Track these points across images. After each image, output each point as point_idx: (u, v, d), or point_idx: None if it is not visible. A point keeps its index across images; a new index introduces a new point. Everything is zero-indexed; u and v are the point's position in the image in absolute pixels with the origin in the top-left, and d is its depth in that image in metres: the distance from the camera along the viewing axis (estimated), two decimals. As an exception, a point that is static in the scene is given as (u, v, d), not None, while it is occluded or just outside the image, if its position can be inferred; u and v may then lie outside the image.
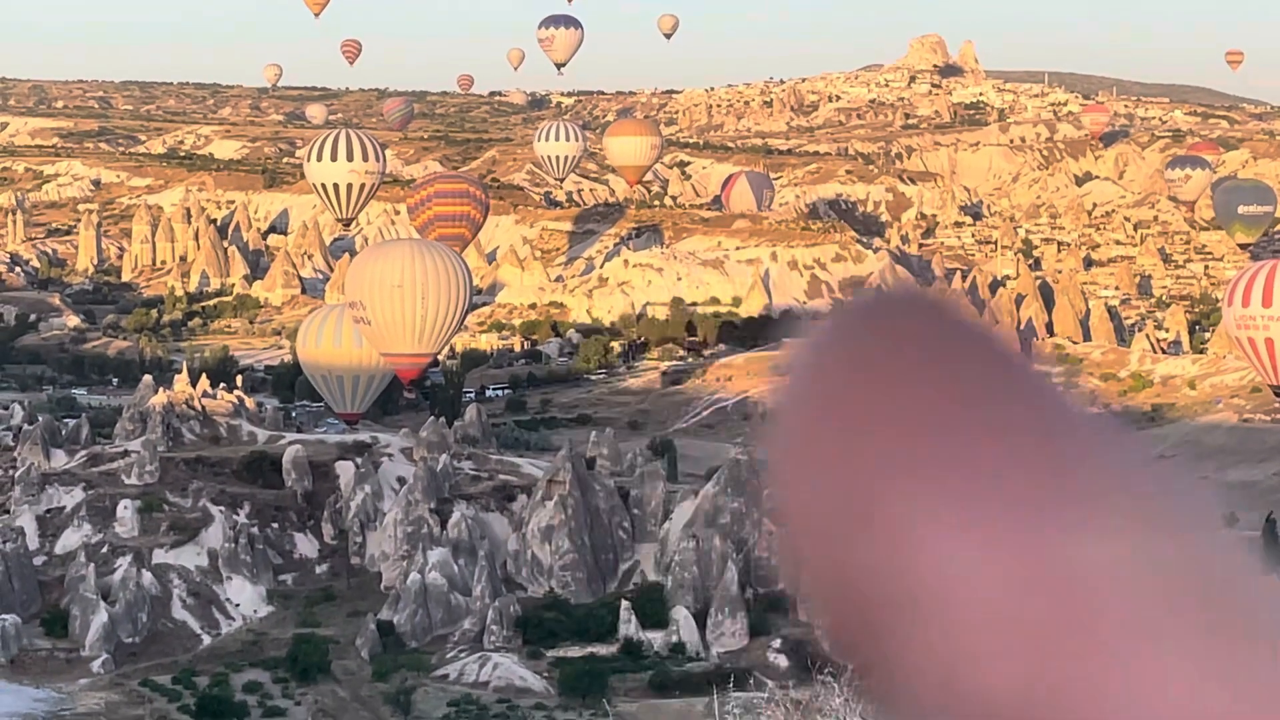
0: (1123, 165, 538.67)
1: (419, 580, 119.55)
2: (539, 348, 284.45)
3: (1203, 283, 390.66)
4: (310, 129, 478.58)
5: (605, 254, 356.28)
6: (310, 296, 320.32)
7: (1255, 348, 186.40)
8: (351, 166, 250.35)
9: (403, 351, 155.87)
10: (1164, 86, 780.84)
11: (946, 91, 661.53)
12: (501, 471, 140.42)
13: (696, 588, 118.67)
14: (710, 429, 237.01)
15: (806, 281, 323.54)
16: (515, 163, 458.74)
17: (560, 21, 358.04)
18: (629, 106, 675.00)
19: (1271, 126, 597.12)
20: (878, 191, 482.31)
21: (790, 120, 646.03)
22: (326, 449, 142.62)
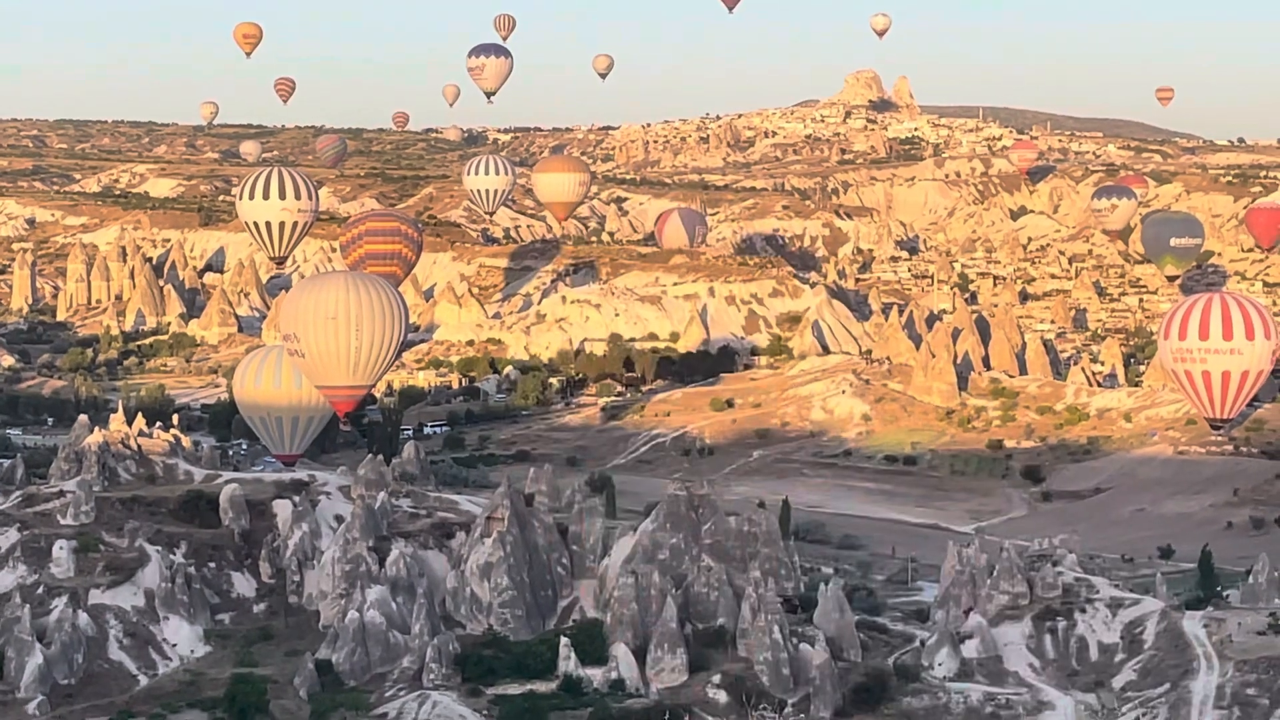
0: (1057, 199, 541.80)
1: (357, 618, 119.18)
2: (477, 385, 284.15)
3: (1137, 316, 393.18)
4: (245, 166, 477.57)
5: (543, 290, 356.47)
6: (247, 335, 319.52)
7: (1192, 380, 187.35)
8: (284, 205, 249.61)
9: (338, 384, 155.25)
10: (1098, 121, 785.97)
11: (882, 127, 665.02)
12: (440, 509, 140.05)
13: (636, 624, 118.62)
14: (648, 464, 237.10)
15: (744, 316, 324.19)
16: (452, 199, 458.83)
17: (490, 50, 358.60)
18: (565, 143, 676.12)
19: (1204, 160, 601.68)
20: (814, 226, 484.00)
21: (727, 156, 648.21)
22: (264, 487, 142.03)
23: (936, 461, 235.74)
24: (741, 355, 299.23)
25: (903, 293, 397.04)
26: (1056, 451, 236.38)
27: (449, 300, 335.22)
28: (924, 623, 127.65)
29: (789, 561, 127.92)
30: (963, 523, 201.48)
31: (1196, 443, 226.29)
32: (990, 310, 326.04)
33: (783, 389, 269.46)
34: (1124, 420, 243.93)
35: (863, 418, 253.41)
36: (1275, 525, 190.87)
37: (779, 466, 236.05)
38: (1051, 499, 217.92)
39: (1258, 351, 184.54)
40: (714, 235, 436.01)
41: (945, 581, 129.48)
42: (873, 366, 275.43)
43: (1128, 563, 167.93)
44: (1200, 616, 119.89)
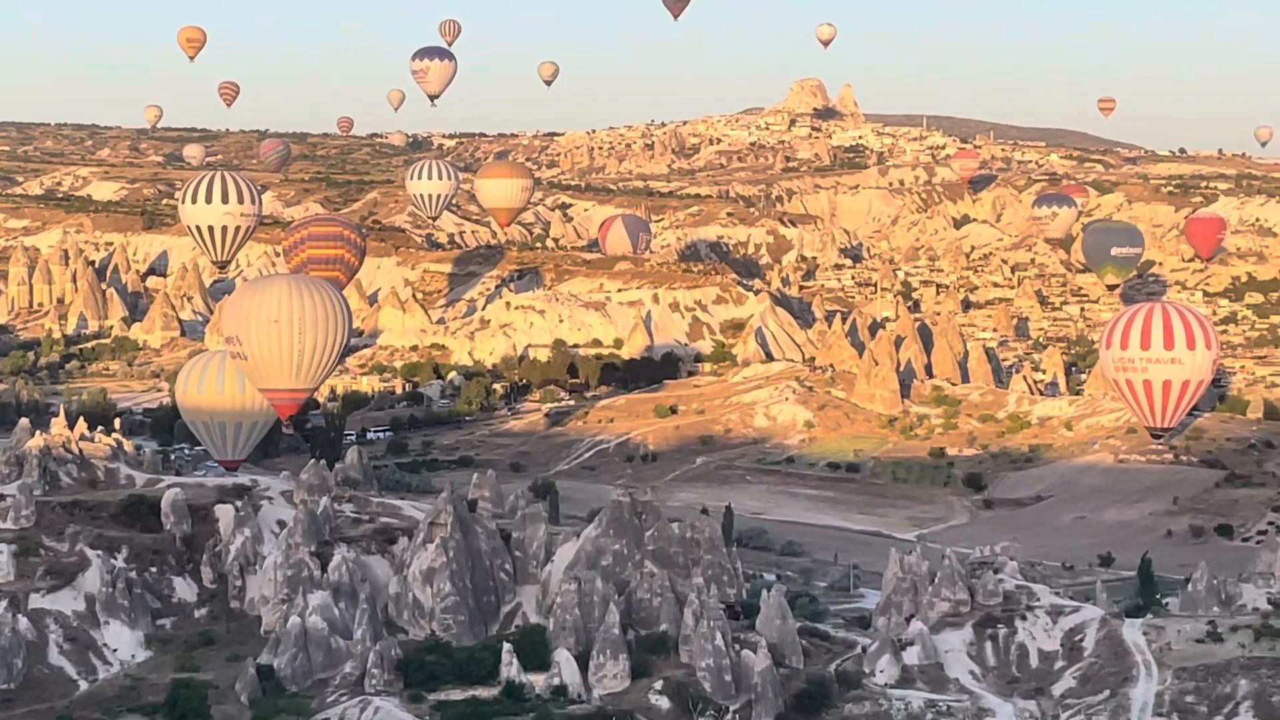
0: (1000, 208, 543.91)
1: (299, 624, 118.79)
2: (420, 390, 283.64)
3: (1079, 324, 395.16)
4: (189, 170, 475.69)
5: (487, 296, 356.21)
6: (190, 339, 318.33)
7: (1134, 390, 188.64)
8: (227, 209, 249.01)
9: (280, 387, 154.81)
10: (1040, 130, 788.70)
11: (826, 135, 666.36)
12: (383, 514, 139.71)
13: (578, 630, 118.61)
14: (592, 470, 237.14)
15: (688, 323, 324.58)
16: (396, 204, 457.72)
17: (434, 54, 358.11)
18: (510, 149, 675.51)
19: (1145, 170, 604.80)
20: (758, 234, 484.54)
21: (671, 163, 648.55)
22: (206, 492, 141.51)
23: (879, 469, 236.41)
24: (685, 362, 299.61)
25: (846, 300, 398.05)
26: (998, 459, 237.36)
27: (393, 305, 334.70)
28: (865, 629, 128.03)
29: (731, 568, 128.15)
30: (904, 530, 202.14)
31: (1137, 451, 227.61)
32: (933, 318, 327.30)
33: (726, 396, 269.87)
34: (1065, 429, 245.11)
35: (806, 425, 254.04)
36: (1214, 534, 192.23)
37: (722, 473, 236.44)
38: (993, 506, 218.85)
39: (1198, 361, 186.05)
40: (658, 242, 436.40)
41: (887, 588, 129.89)
42: (816, 374, 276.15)
43: (1068, 570, 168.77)
44: (1140, 624, 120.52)
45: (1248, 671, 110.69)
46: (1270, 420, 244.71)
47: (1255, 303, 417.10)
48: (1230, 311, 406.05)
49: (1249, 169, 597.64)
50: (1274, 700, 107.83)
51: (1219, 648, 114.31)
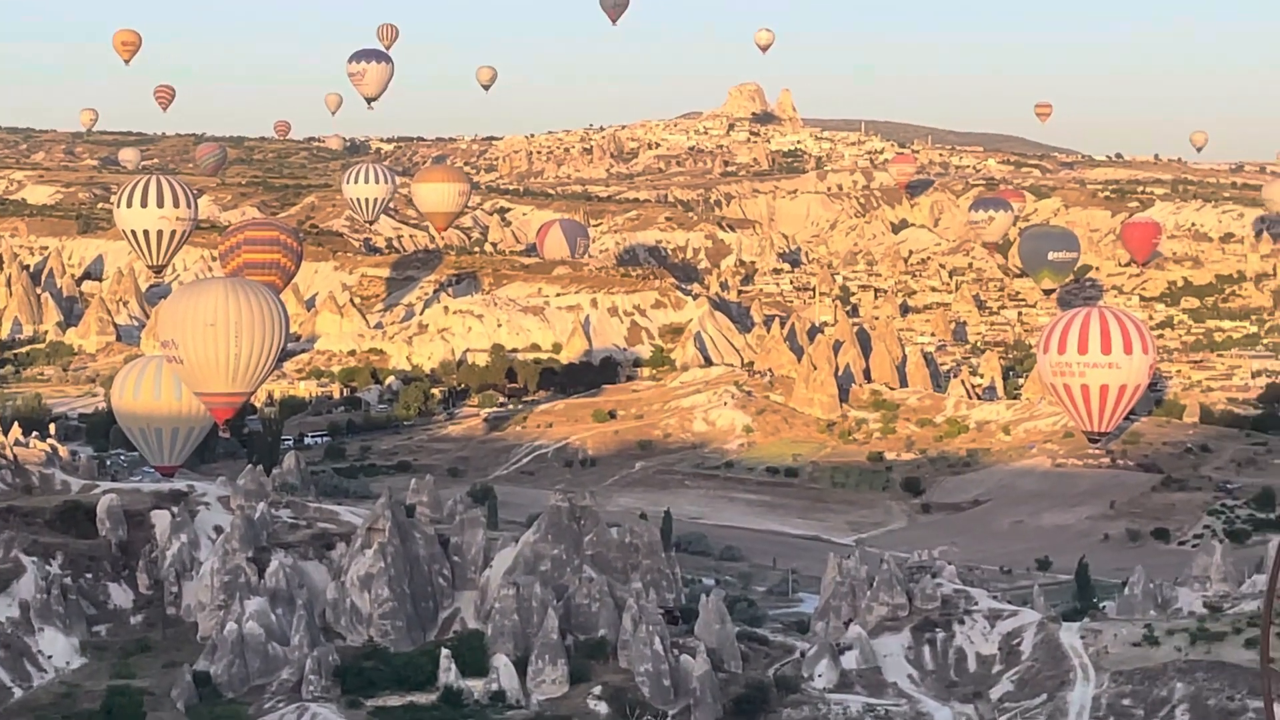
0: (938, 213, 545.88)
1: (236, 630, 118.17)
2: (358, 395, 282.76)
3: (1016, 329, 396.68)
4: (125, 174, 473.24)
5: (425, 300, 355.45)
6: (126, 344, 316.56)
7: (1071, 394, 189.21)
8: (162, 213, 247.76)
9: (216, 391, 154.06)
10: (978, 135, 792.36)
11: (765, 139, 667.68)
12: (320, 520, 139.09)
13: (517, 635, 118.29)
14: (531, 475, 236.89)
15: (626, 328, 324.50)
16: (334, 208, 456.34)
17: (370, 56, 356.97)
18: (448, 153, 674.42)
19: (1082, 175, 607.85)
20: (697, 238, 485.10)
21: (610, 167, 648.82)
22: (142, 498, 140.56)
23: (817, 473, 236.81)
24: (624, 366, 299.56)
25: (784, 305, 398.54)
26: (936, 464, 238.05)
27: (330, 310, 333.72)
28: (804, 634, 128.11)
29: (670, 573, 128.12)
30: (843, 534, 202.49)
31: (1074, 456, 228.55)
32: (871, 323, 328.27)
33: (665, 400, 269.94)
34: (1003, 433, 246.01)
35: (744, 429, 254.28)
36: (1151, 537, 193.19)
37: (661, 478, 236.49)
38: (931, 511, 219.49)
39: (1135, 366, 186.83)
40: (597, 246, 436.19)
41: (825, 593, 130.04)
42: (754, 378, 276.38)
43: (1006, 574, 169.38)
44: (1077, 628, 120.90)
45: (1184, 675, 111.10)
46: (1206, 424, 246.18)
47: (1191, 307, 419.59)
48: (1166, 316, 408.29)
49: (1185, 174, 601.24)
50: (1210, 703, 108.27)
51: (1155, 651, 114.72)
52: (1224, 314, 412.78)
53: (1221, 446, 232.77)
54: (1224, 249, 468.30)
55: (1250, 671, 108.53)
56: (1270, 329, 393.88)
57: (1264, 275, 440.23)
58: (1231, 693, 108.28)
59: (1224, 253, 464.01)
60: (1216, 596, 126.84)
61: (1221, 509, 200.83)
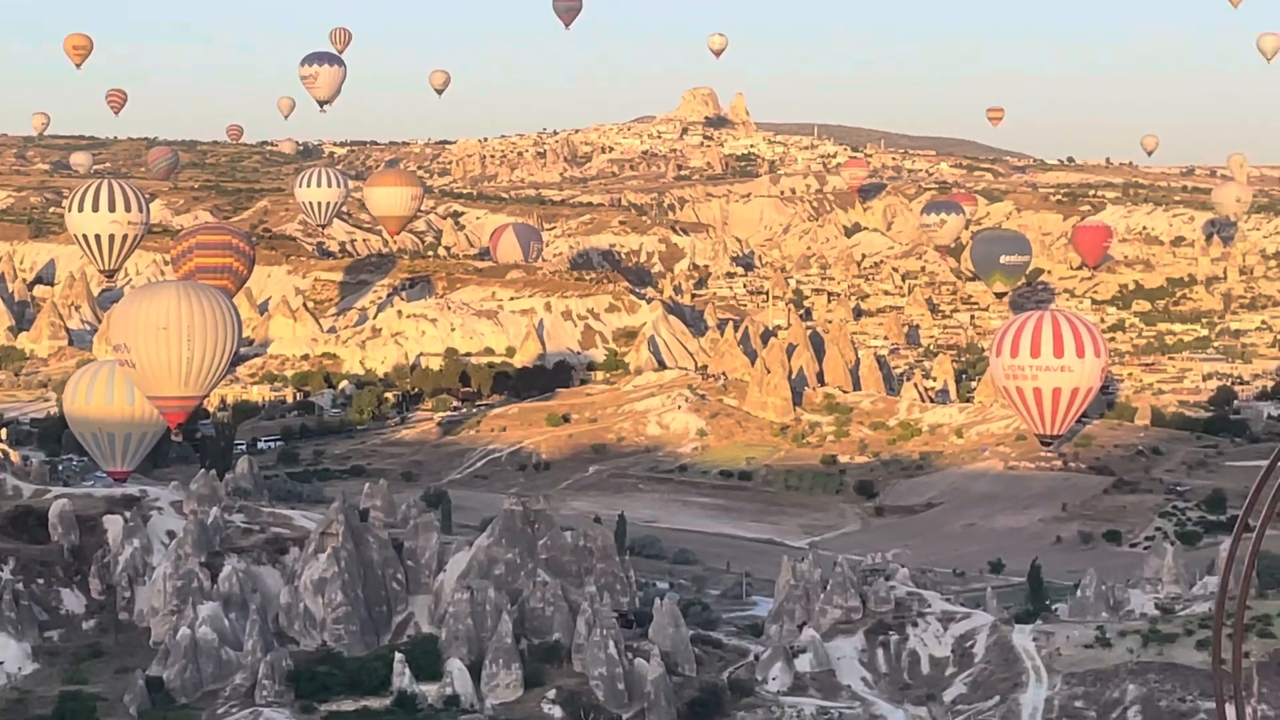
0: (890, 217, 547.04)
1: (189, 635, 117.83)
2: (312, 399, 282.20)
3: (969, 332, 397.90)
4: (77, 178, 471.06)
5: (378, 304, 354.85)
6: (78, 348, 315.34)
7: (1024, 397, 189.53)
8: (114, 217, 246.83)
9: (169, 394, 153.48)
10: (931, 139, 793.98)
11: (718, 143, 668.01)
12: (274, 524, 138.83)
13: (471, 639, 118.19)
14: (484, 479, 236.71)
15: (580, 332, 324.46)
16: (287, 212, 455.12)
17: (323, 59, 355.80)
18: (401, 157, 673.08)
19: (1034, 179, 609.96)
20: (651, 242, 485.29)
21: (564, 171, 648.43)
22: (94, 503, 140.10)
23: (771, 477, 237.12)
24: (578, 370, 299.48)
25: (738, 308, 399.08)
26: (889, 467, 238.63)
27: (284, 314, 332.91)
28: (758, 637, 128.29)
29: (624, 576, 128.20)
30: (797, 538, 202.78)
31: (1026, 458, 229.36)
32: (825, 326, 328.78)
33: (619, 404, 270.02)
34: (955, 436, 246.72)
35: (698, 433, 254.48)
36: (1103, 540, 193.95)
37: (615, 481, 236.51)
38: (884, 514, 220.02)
39: (1088, 369, 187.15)
40: (551, 250, 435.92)
41: (779, 596, 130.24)
42: (708, 382, 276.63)
43: (959, 577, 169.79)
44: (1029, 630, 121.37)
45: (1135, 676, 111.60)
46: (1158, 427, 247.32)
47: (1142, 310, 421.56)
48: (1118, 319, 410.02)
49: (1136, 177, 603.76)
50: (1161, 705, 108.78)
51: (1107, 653, 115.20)
52: (1175, 317, 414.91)
53: (1173, 449, 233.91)
54: (1175, 252, 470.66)
55: (1202, 673, 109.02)
56: (1221, 332, 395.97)
57: (1215, 279, 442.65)
58: (1183, 694, 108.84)
59: (1175, 256, 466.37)
60: (1168, 598, 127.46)
61: (1173, 511, 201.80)
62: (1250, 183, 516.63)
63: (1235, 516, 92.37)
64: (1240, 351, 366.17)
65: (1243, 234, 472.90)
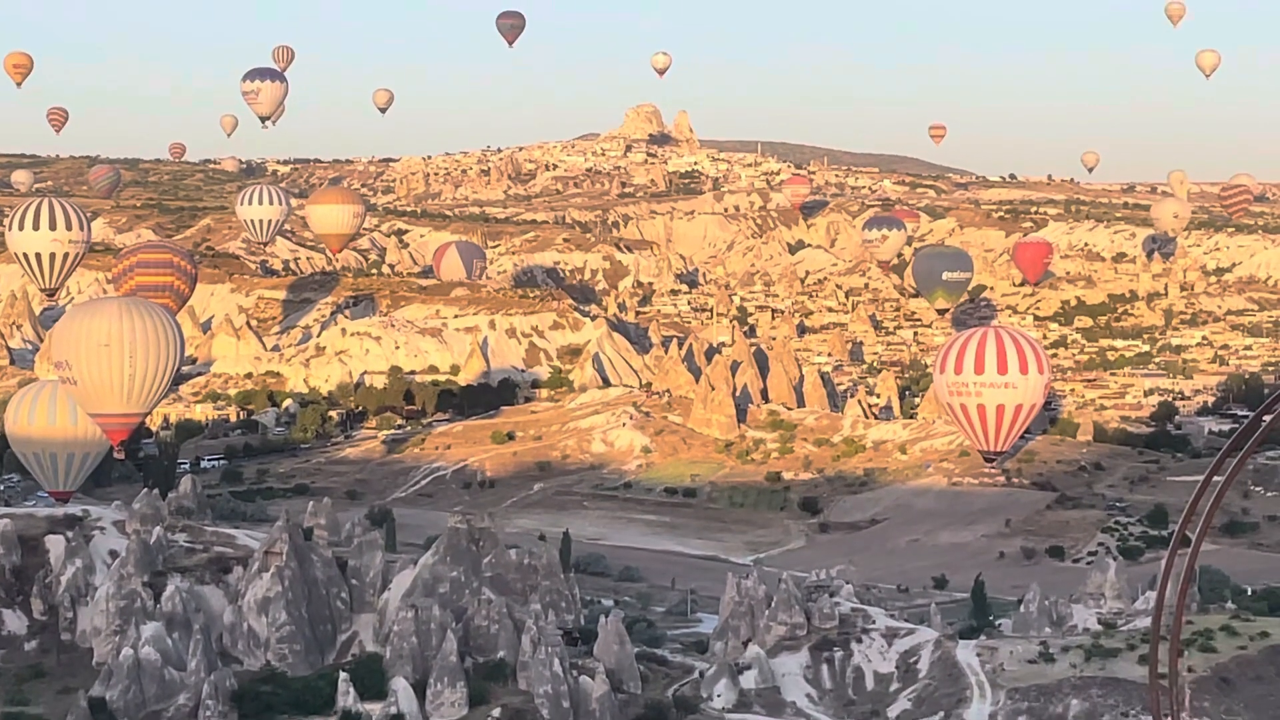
0: (834, 234, 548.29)
1: (132, 655, 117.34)
2: (255, 418, 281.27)
3: (912, 349, 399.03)
4: (18, 197, 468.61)
5: (322, 323, 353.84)
6: (19, 367, 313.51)
7: (967, 414, 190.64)
8: (54, 236, 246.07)
9: (111, 411, 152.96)
10: (874, 156, 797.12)
11: (662, 161, 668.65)
12: (217, 543, 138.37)
13: (416, 657, 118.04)
14: (429, 498, 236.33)
15: (525, 349, 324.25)
16: (230, 230, 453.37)
17: (264, 75, 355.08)
18: (344, 175, 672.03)
19: (976, 196, 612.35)
20: (595, 259, 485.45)
21: (508, 189, 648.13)
22: (35, 523, 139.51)
23: (716, 493, 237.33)
24: (522, 388, 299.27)
25: (682, 326, 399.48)
26: (834, 483, 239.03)
27: (227, 332, 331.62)
28: (703, 654, 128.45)
29: (569, 594, 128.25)
30: (741, 554, 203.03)
31: (970, 474, 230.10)
32: (769, 343, 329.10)
33: (563, 421, 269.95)
34: (899, 452, 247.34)
35: (643, 450, 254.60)
36: (1046, 555, 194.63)
37: (560, 499, 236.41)
38: (829, 530, 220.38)
39: (1031, 385, 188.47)
40: (495, 268, 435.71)
41: (724, 613, 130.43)
42: (652, 399, 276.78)
43: (903, 593, 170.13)
44: (973, 645, 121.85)
45: (1079, 691, 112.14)
46: (1100, 443, 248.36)
47: (1084, 326, 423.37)
48: (1060, 335, 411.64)
49: (1078, 194, 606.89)
50: (1104, 719, 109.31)
51: (1051, 668, 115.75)
52: (1117, 333, 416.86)
53: (1115, 464, 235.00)
54: (1116, 269, 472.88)
55: (1144, 687, 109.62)
56: (1162, 348, 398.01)
57: (1155, 294, 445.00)
58: (1126, 709, 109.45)
59: (1116, 272, 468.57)
60: (1110, 613, 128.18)
61: (1115, 526, 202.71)
62: (1191, 199, 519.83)
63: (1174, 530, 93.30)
64: (1181, 367, 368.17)
65: (1183, 250, 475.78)
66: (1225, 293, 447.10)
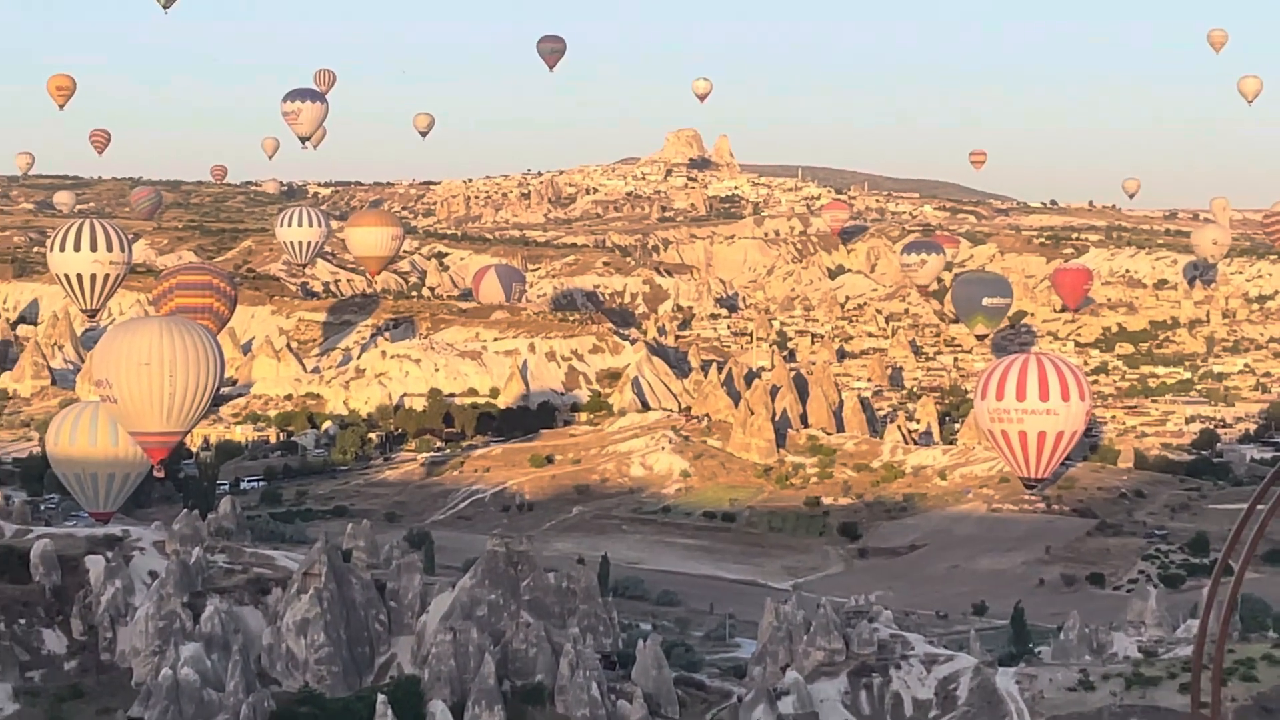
0: (874, 259, 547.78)
1: (171, 676, 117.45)
2: (295, 439, 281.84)
3: (952, 374, 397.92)
4: (60, 218, 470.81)
5: (362, 345, 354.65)
6: (61, 388, 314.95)
7: (1008, 440, 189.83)
8: (95, 257, 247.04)
9: (150, 430, 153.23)
10: (914, 182, 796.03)
11: (702, 185, 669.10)
12: (256, 564, 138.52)
13: (453, 680, 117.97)
14: (468, 520, 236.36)
15: (564, 372, 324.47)
16: (271, 252, 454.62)
17: (305, 95, 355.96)
18: (385, 197, 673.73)
19: (1017, 222, 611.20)
20: (635, 283, 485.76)
21: (548, 212, 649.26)
22: (76, 543, 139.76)
23: (754, 518, 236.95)
24: (561, 411, 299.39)
25: (722, 350, 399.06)
26: (873, 508, 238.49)
27: (267, 354, 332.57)
28: (741, 679, 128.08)
29: (607, 618, 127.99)
30: (780, 579, 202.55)
31: (1010, 500, 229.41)
32: (808, 368, 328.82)
33: (602, 445, 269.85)
34: (939, 478, 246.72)
35: (682, 474, 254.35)
36: (1086, 582, 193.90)
37: (598, 523, 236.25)
38: (868, 555, 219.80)
39: (1073, 412, 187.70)
40: (535, 291, 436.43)
41: (762, 638, 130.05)
42: (692, 423, 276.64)
43: (942, 619, 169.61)
44: (1013, 673, 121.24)
45: (1118, 719, 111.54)
46: (1141, 470, 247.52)
47: (1125, 353, 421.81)
48: (1101, 362, 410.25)
49: (1119, 220, 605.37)
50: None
51: (1090, 696, 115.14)
52: (1158, 360, 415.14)
53: (1155, 492, 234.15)
54: (1158, 295, 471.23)
55: (1185, 716, 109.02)
56: (1204, 375, 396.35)
57: (1197, 321, 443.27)
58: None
59: (1158, 299, 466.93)
60: (1151, 641, 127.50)
61: (1156, 554, 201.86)
62: (1233, 225, 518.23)
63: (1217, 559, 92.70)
64: (1223, 394, 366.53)
65: (1225, 277, 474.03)
66: (1268, 320, 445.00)
